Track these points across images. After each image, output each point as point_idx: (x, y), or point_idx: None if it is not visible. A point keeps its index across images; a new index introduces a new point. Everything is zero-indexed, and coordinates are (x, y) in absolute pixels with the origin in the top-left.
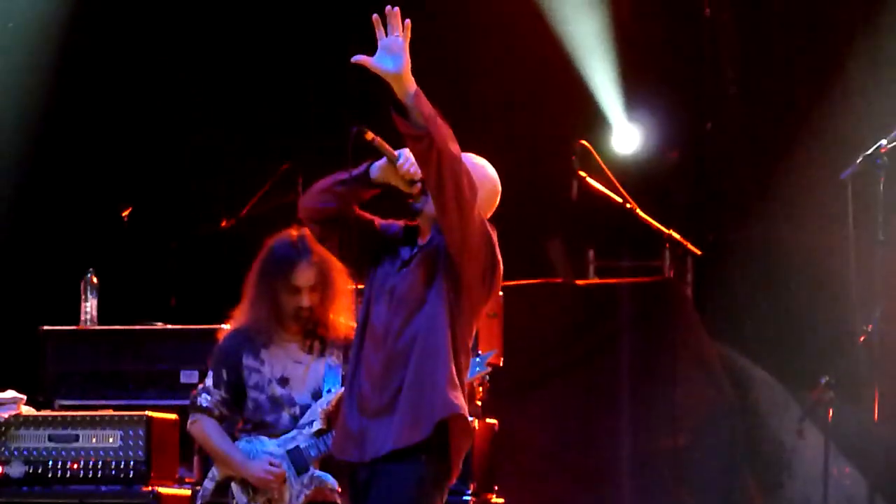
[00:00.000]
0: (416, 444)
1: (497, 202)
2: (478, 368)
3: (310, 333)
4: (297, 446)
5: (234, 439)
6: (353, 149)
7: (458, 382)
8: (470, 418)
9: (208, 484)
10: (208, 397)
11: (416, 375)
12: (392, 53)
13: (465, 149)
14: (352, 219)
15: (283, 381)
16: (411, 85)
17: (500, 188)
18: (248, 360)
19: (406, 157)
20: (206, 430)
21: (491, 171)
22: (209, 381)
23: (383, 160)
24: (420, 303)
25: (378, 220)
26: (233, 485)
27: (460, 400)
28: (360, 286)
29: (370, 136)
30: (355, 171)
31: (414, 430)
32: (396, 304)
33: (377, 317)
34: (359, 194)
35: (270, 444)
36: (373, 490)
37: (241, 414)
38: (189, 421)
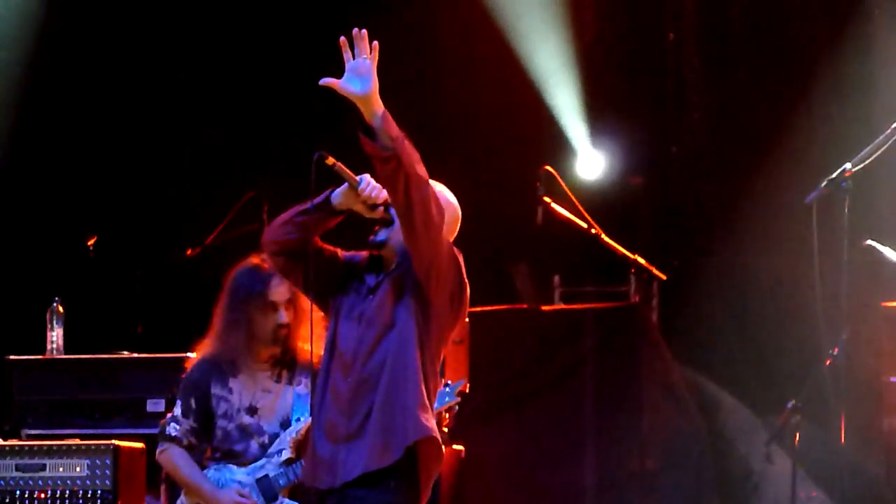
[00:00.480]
0: (385, 467)
1: (458, 227)
2: (447, 398)
3: (278, 362)
4: (267, 475)
5: (203, 468)
6: (315, 175)
7: (428, 405)
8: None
9: None
10: (177, 426)
11: (386, 398)
12: (360, 75)
13: (430, 175)
14: (315, 249)
15: (252, 411)
16: (379, 107)
17: (460, 213)
18: (216, 390)
19: (367, 181)
20: (174, 459)
21: (451, 196)
22: (177, 411)
23: (344, 186)
24: (389, 326)
25: (341, 252)
26: None
27: (431, 423)
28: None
29: (331, 161)
30: (317, 199)
31: (384, 453)
32: (365, 327)
33: (345, 342)
34: (322, 222)
35: (239, 473)
36: None
37: (210, 443)
38: (158, 450)
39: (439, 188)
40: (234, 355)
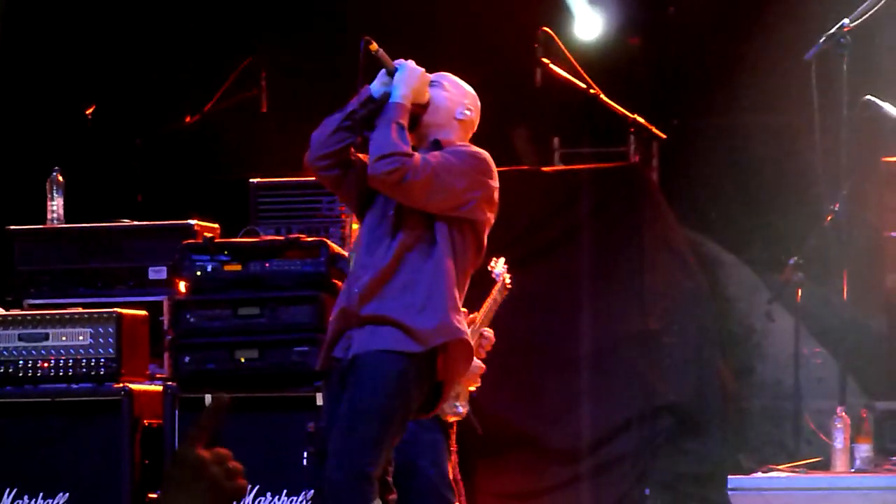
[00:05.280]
0: (406, 352)
1: (479, 110)
2: None
3: None
4: None
5: None
6: (362, 62)
7: (459, 307)
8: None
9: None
10: None
11: (415, 295)
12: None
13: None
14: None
15: None
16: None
17: (478, 101)
18: None
19: (406, 68)
20: None
21: (465, 85)
22: None
23: (381, 76)
24: (417, 223)
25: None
26: None
27: (463, 325)
28: None
29: (374, 47)
30: (361, 97)
31: (407, 342)
32: (393, 221)
33: (372, 230)
34: (369, 119)
35: None
36: (351, 377)
37: None
38: None
39: (453, 80)
40: None
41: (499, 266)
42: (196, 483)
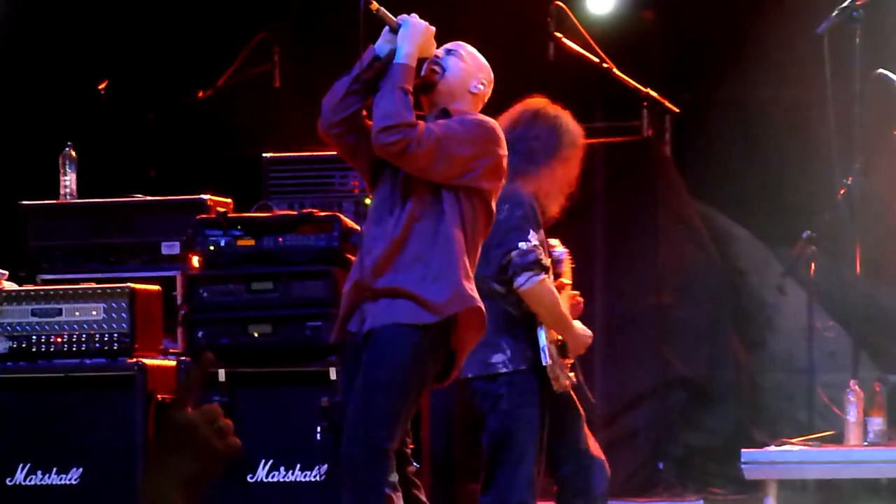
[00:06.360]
0: (419, 324)
1: (491, 82)
2: None
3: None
4: None
5: None
6: (362, 21)
7: (471, 275)
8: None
9: (550, 347)
10: (544, 255)
11: (428, 266)
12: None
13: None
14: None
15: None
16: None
17: (491, 73)
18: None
19: (411, 23)
20: (554, 290)
21: (479, 56)
22: (535, 239)
23: (385, 34)
24: (425, 192)
25: None
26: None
27: (475, 293)
28: None
29: (374, 6)
30: (364, 60)
31: (420, 314)
32: (401, 192)
33: (382, 201)
34: (375, 81)
35: None
36: (366, 352)
37: None
38: (536, 279)
39: (470, 52)
40: (545, 201)
41: (558, 247)
42: (188, 445)
